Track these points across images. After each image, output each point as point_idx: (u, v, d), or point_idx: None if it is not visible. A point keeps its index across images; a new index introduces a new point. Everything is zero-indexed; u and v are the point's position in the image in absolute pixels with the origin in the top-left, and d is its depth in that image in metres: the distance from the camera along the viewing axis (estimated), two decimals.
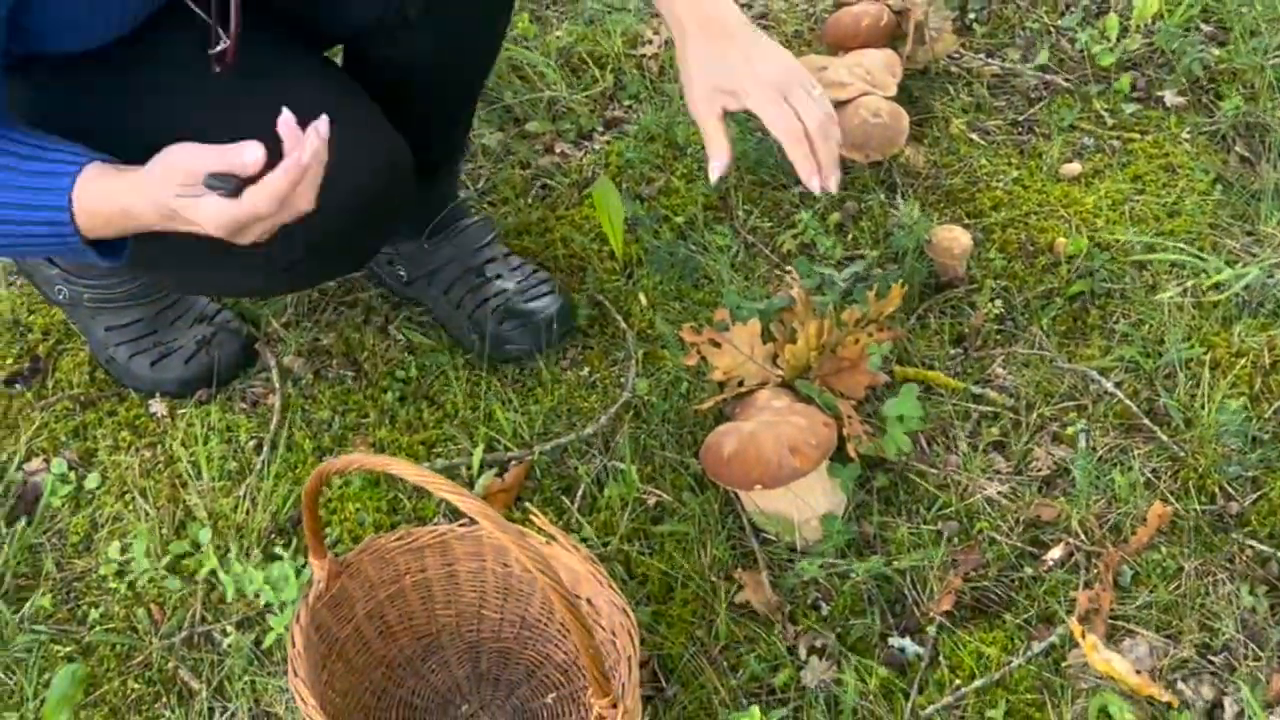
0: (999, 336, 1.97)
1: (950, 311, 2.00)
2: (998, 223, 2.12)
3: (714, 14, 1.60)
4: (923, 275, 2.02)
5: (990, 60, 2.40)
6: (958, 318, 2.00)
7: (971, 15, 2.47)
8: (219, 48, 1.52)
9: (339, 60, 1.85)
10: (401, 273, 2.05)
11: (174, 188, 1.36)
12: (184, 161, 1.37)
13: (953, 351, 1.96)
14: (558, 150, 2.32)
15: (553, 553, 1.57)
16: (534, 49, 2.45)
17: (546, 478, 1.86)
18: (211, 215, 1.36)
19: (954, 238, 1.98)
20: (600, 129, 2.35)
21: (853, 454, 1.73)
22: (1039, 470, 1.81)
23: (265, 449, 1.91)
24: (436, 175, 1.99)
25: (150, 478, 1.91)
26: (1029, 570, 1.70)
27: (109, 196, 1.42)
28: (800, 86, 1.58)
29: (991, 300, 2.00)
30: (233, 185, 1.33)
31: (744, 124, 2.17)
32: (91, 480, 1.92)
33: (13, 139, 1.44)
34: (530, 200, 2.24)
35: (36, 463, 1.94)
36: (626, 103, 2.40)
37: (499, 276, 2.01)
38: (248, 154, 1.33)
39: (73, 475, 1.92)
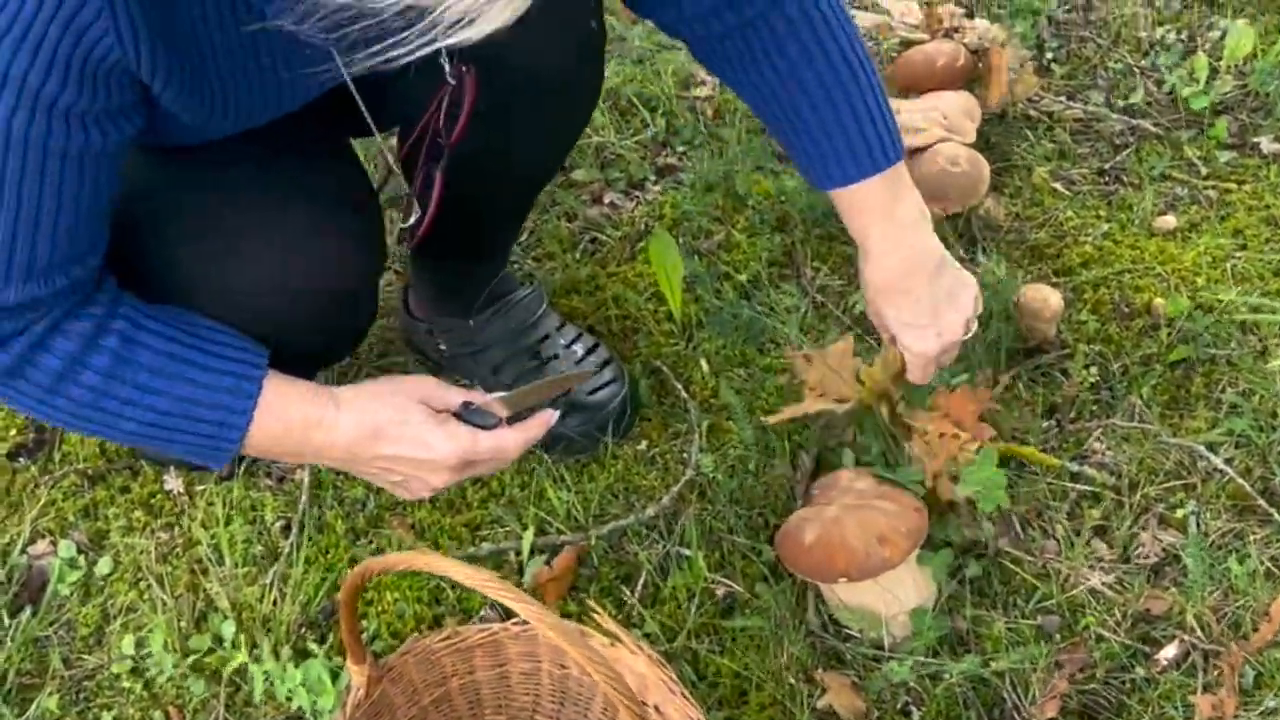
0: (1095, 407, 1.88)
1: (1041, 379, 1.92)
2: (1089, 281, 2.03)
3: (906, 252, 1.63)
4: (1010, 339, 1.92)
5: (1072, 103, 2.32)
6: (1050, 386, 1.91)
7: (1049, 55, 2.39)
8: (412, 221, 1.54)
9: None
10: (442, 346, 1.96)
11: (413, 407, 1.42)
12: (428, 390, 1.45)
13: (1045, 424, 1.87)
14: (607, 200, 2.24)
15: (616, 655, 1.47)
16: None
17: (604, 564, 1.75)
18: (458, 441, 1.42)
19: (1044, 298, 1.90)
20: (652, 178, 2.27)
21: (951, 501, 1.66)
22: (1146, 558, 1.72)
23: (293, 531, 1.81)
24: (487, 261, 1.91)
25: (167, 563, 1.81)
26: (1141, 671, 1.61)
27: (298, 403, 1.40)
28: (955, 346, 1.68)
29: (1086, 367, 1.92)
30: (494, 422, 1.45)
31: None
32: (103, 565, 1.81)
33: (184, 322, 1.37)
34: (579, 255, 2.16)
35: (43, 545, 1.84)
36: (680, 149, 2.32)
37: (555, 358, 1.91)
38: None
39: (82, 559, 1.82)
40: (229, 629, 1.72)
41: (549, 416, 1.50)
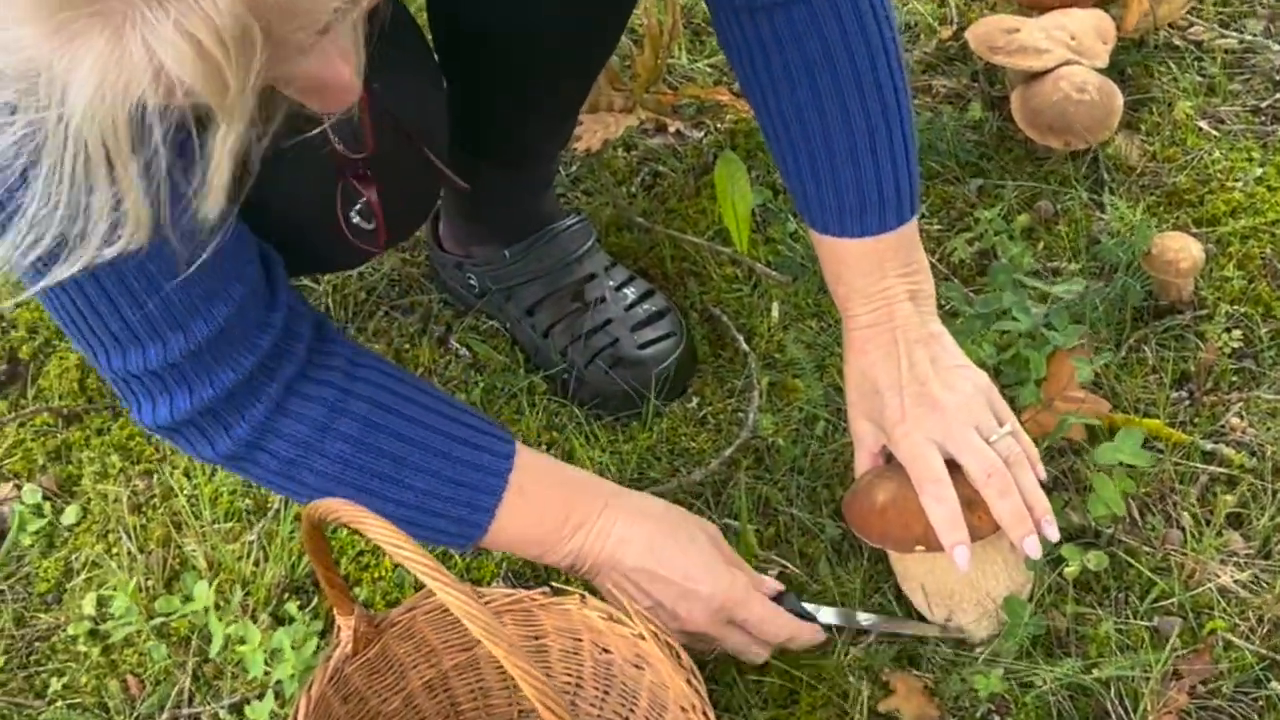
0: (1236, 378, 1.79)
1: (1172, 344, 1.83)
2: (1235, 232, 1.94)
3: (886, 320, 1.56)
4: (1138, 296, 1.84)
5: (1226, 32, 2.22)
6: (1182, 351, 1.82)
7: None
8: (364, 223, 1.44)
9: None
10: (472, 281, 1.91)
11: (700, 533, 1.48)
12: (716, 533, 1.51)
13: (1174, 395, 1.78)
14: (671, 129, 2.17)
15: (610, 637, 1.42)
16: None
17: None
18: (774, 621, 1.49)
19: (1181, 248, 1.81)
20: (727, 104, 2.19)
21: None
22: None
23: None
24: (526, 165, 1.83)
25: (141, 514, 1.79)
26: (1277, 686, 1.52)
27: (559, 505, 1.45)
28: (966, 428, 1.50)
29: (1227, 330, 1.83)
30: (807, 615, 1.55)
31: None
32: (70, 514, 1.80)
33: (450, 405, 1.42)
34: (635, 189, 2.10)
35: (5, 489, 1.84)
36: None
37: (601, 301, 1.85)
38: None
39: (47, 507, 1.81)
40: (202, 590, 1.67)
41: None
